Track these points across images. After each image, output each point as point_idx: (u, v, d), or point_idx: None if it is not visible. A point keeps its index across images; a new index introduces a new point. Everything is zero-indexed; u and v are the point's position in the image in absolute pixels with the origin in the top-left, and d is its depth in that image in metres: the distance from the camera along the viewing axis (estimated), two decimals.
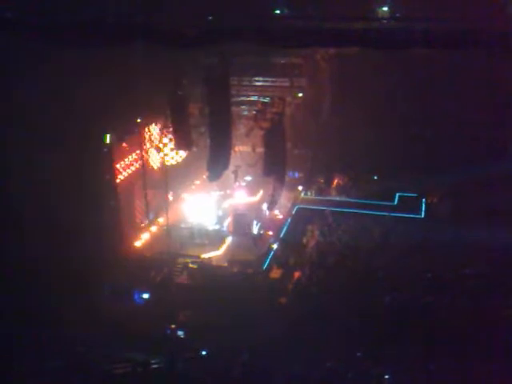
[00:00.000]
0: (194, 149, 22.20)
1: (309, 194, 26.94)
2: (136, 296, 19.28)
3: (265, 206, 24.35)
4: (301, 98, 24.85)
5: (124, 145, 21.69)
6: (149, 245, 22.54)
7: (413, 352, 14.74)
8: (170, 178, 23.01)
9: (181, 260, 21.36)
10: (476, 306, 16.36)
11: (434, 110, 23.73)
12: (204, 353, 15.90)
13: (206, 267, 21.11)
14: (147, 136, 22.97)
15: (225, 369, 14.60)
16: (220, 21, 15.38)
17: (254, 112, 22.90)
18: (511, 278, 17.38)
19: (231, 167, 21.79)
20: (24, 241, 16.00)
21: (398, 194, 25.61)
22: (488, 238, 19.09)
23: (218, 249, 22.32)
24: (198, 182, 26.94)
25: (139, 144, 22.49)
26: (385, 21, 17.17)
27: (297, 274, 20.69)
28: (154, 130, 23.25)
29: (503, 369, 13.28)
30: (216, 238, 22.82)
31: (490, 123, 23.02)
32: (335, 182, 27.04)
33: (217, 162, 19.54)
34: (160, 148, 23.03)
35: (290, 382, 14.08)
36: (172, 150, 23.29)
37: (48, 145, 16.32)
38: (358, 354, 15.19)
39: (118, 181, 21.20)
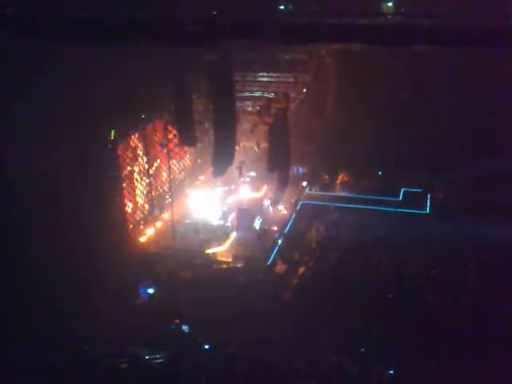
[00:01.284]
0: (199, 144, 22.28)
1: (313, 189, 26.90)
2: (141, 291, 19.37)
3: (269, 202, 24.39)
4: (305, 93, 24.76)
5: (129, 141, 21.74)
6: (154, 240, 22.60)
7: (415, 348, 14.79)
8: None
9: (186, 255, 21.43)
10: (479, 303, 16.37)
11: (438, 105, 23.61)
12: (207, 347, 15.99)
13: (210, 262, 21.19)
14: (152, 132, 23.01)
15: (228, 364, 14.70)
16: (224, 17, 15.37)
17: (259, 108, 22.87)
18: None
19: (235, 163, 21.82)
20: (28, 238, 16.09)
21: (402, 190, 25.53)
22: (492, 235, 19.03)
23: (222, 244, 22.38)
24: (202, 178, 26.97)
25: (144, 140, 22.52)
26: (389, 16, 17.11)
27: (301, 270, 20.73)
28: (159, 126, 23.27)
29: (503, 367, 13.29)
30: (220, 234, 22.88)
31: (493, 120, 22.88)
32: (340, 177, 26.97)
33: (221, 157, 19.57)
34: (164, 144, 23.05)
35: (293, 378, 14.16)
36: (176, 145, 23.33)
37: (51, 142, 16.40)
38: (362, 349, 15.26)
39: (122, 177, 21.27)
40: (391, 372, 14.07)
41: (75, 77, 16.56)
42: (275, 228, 23.44)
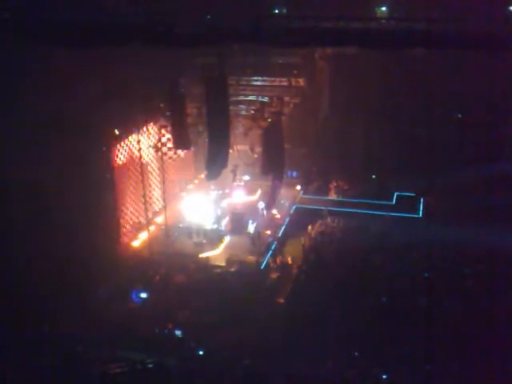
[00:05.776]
0: (192, 148, 22.24)
1: (307, 193, 26.89)
2: (134, 296, 19.25)
3: (263, 206, 24.35)
4: (299, 97, 24.79)
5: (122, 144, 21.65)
6: (147, 244, 22.48)
7: (410, 352, 14.79)
8: None
9: (179, 260, 21.33)
10: (474, 306, 16.41)
11: (433, 109, 23.71)
12: (201, 353, 15.89)
13: (204, 267, 21.10)
14: (146, 135, 22.93)
15: (223, 369, 14.61)
16: (218, 20, 15.38)
17: (253, 111, 22.90)
18: (509, 277, 17.41)
19: (229, 166, 21.82)
20: (20, 241, 16.00)
21: (396, 194, 25.61)
22: (486, 238, 19.10)
23: (216, 248, 22.30)
24: (196, 181, 26.91)
25: (138, 143, 22.42)
26: (383, 21, 17.19)
27: (295, 274, 20.68)
28: (153, 129, 23.20)
29: (501, 371, 13.30)
30: (214, 238, 22.79)
31: (489, 123, 23.01)
32: (333, 181, 27.01)
33: (215, 161, 19.57)
34: (158, 147, 22.99)
35: (289, 382, 14.10)
36: (170, 149, 23.25)
37: (46, 144, 16.34)
38: (356, 353, 15.23)
39: (116, 180, 21.16)
40: (387, 376, 14.08)
41: (71, 79, 16.49)
42: (269, 232, 23.41)
